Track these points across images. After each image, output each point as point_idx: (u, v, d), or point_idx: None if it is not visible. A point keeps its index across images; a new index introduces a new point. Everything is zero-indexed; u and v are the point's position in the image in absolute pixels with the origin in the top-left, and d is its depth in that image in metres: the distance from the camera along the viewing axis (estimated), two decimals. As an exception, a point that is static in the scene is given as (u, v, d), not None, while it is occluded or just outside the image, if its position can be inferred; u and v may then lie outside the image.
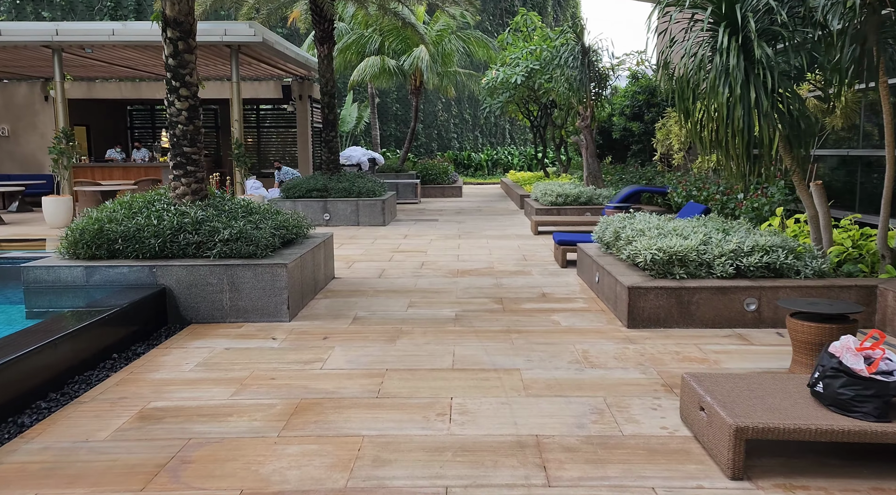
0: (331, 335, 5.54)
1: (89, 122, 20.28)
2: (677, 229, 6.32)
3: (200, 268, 5.90)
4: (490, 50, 20.21)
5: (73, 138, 13.14)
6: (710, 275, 5.79)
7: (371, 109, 22.95)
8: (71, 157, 13.13)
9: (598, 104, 14.13)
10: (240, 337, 5.51)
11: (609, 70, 13.46)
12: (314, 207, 13.09)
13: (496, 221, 13.88)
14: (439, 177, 20.55)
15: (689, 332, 5.51)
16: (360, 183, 13.47)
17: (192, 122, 6.73)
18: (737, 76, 5.31)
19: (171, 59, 6.62)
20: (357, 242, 10.87)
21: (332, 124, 13.92)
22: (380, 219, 13.11)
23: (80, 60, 14.81)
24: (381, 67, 19.04)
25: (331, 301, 6.79)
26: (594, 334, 5.49)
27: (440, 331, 5.63)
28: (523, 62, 17.78)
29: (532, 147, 33.23)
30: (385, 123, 30.41)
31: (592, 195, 13.09)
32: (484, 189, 24.50)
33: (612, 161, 18.48)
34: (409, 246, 10.49)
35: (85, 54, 13.44)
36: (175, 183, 6.73)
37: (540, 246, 10.40)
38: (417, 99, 20.70)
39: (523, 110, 20.50)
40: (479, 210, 16.43)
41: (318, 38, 13.67)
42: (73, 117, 19.34)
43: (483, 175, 30.86)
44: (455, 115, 32.46)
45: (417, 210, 16.48)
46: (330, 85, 13.79)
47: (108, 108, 20.91)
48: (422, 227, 12.85)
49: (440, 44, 20.09)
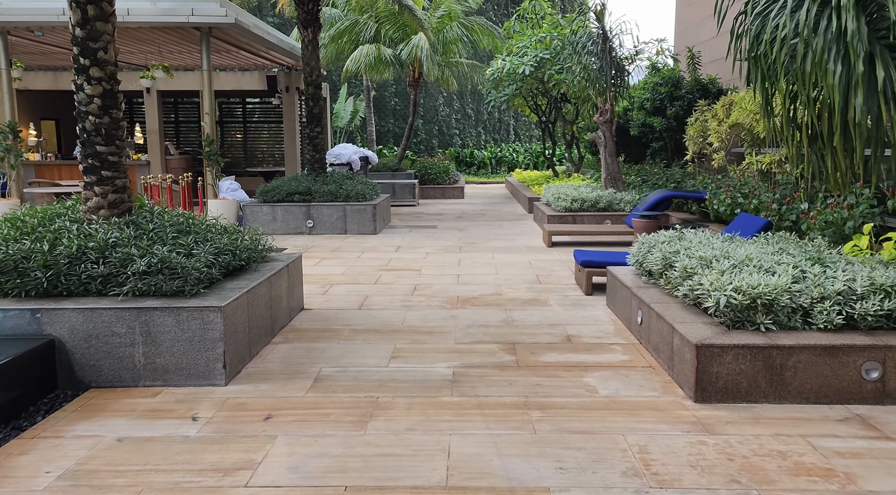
0: (277, 412, 3.93)
1: (59, 116, 18.68)
2: (753, 258, 4.69)
3: (104, 313, 4.29)
4: (495, 38, 18.56)
5: (19, 134, 11.55)
6: (809, 326, 4.17)
7: (366, 103, 21.31)
8: (19, 155, 11.54)
9: (619, 97, 12.50)
10: (148, 414, 3.90)
11: (633, 57, 11.82)
12: (295, 213, 11.47)
13: (502, 229, 12.25)
14: (439, 176, 18.93)
15: (785, 411, 3.89)
16: (348, 185, 11.85)
17: (108, 112, 5.12)
18: (857, 47, 3.68)
19: (79, 28, 5.00)
20: (340, 257, 9.25)
21: (317, 118, 12.30)
22: (370, 226, 11.49)
23: (36, 46, 13.20)
24: (377, 57, 17.40)
25: (291, 347, 5.18)
26: (650, 413, 3.87)
27: (431, 405, 4.02)
28: (532, 51, 16.13)
29: (539, 144, 31.60)
30: (383, 118, 28.77)
31: (612, 200, 11.45)
32: (488, 189, 22.86)
33: (626, 160, 16.85)
34: (400, 261, 8.87)
35: (35, 38, 11.82)
36: (87, 192, 5.12)
37: (555, 262, 8.77)
38: (416, 92, 19.06)
39: (531, 104, 18.85)
40: (483, 214, 14.81)
41: (301, 21, 12.05)
42: (40, 111, 17.75)
43: (487, 173, 29.22)
44: (457, 109, 30.81)
45: (415, 214, 14.86)
46: (315, 74, 12.16)
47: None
48: (418, 236, 11.23)
49: (441, 31, 18.44)
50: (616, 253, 7.21)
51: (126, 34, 11.80)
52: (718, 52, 14.78)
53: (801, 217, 7.15)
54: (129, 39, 12.30)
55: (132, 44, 12.79)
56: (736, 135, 9.25)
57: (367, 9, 18.39)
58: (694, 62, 14.38)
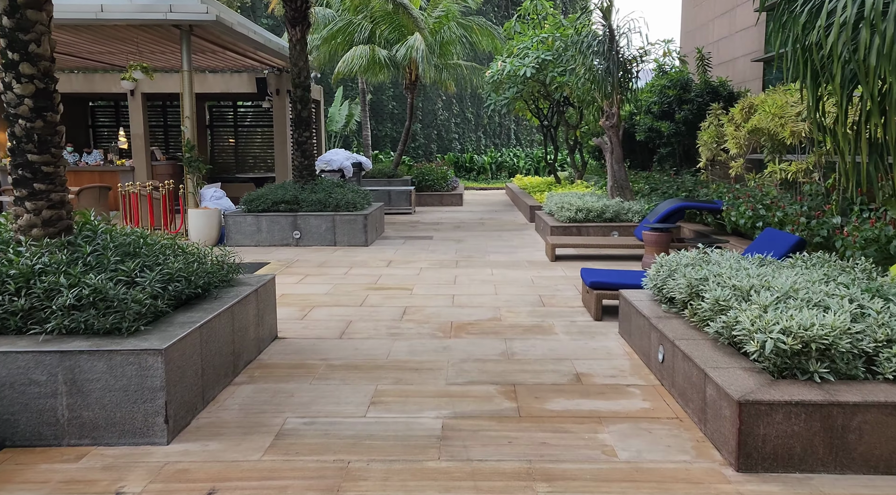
0: (223, 484, 3.20)
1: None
2: (798, 289, 3.95)
3: (20, 357, 3.56)
4: (495, 39, 17.85)
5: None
6: (873, 375, 3.44)
7: (361, 106, 20.58)
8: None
9: (626, 100, 11.79)
10: (63, 488, 3.16)
11: (640, 58, 11.10)
12: (281, 224, 10.75)
13: (502, 240, 11.52)
14: (437, 183, 18.20)
15: (850, 485, 3.15)
16: (338, 193, 11.12)
17: (41, 115, 4.39)
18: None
19: (6, 17, 4.28)
20: (326, 273, 8.52)
21: (305, 122, 11.58)
22: (361, 237, 10.76)
23: None
24: (371, 58, 16.69)
25: (255, 389, 4.45)
26: (683, 489, 3.13)
27: (413, 473, 3.28)
28: (533, 52, 15.43)
29: (540, 149, 30.92)
30: (380, 123, 28.08)
31: (620, 210, 10.73)
32: (487, 196, 22.14)
33: (632, 166, 16.13)
34: (391, 278, 8.14)
35: None
36: (17, 209, 4.40)
37: (560, 280, 8.04)
38: (413, 95, 18.35)
39: (532, 108, 18.14)
40: (483, 223, 14.08)
41: (289, 19, 11.34)
42: None
43: (486, 179, 28.49)
44: (457, 113, 30.10)
45: (410, 223, 14.14)
46: (303, 75, 11.45)
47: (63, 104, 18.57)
48: (412, 249, 10.50)
49: (439, 32, 17.74)
50: (628, 272, 6.48)
51: (102, 33, 11.09)
52: (728, 54, 14.07)
53: (835, 233, 6.41)
54: (105, 38, 11.59)
55: (110, 43, 12.08)
56: (755, 141, 8.52)
57: (361, 8, 17.70)
58: (704, 64, 13.66)
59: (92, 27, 10.62)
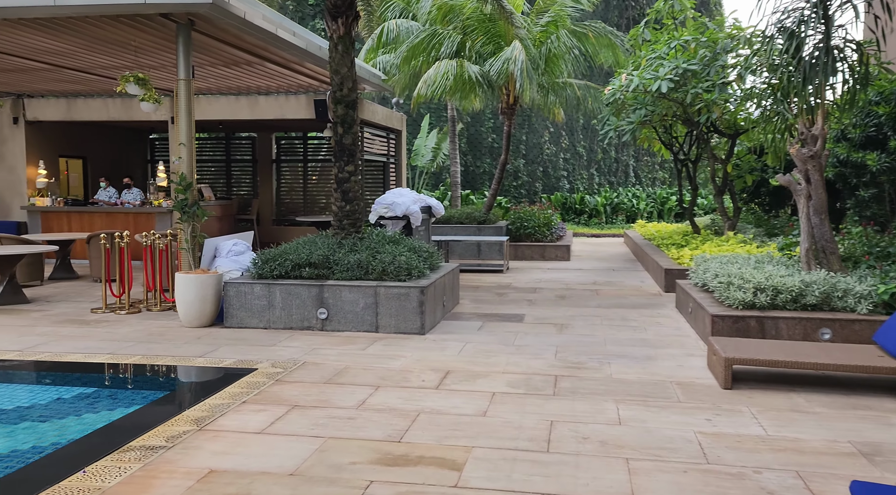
0: None
1: (86, 154, 15.86)
2: None
3: None
4: (617, 50, 14.05)
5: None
6: None
7: (451, 137, 17.24)
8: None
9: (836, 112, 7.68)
10: None
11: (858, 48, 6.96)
12: (302, 297, 7.37)
13: (628, 325, 7.61)
14: (538, 230, 14.44)
15: None
16: (388, 252, 7.61)
17: None
18: None
19: None
20: (326, 403, 4.95)
21: (348, 152, 8.26)
22: (414, 321, 7.18)
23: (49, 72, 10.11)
24: (459, 75, 13.34)
25: None
26: None
27: None
28: (669, 62, 11.51)
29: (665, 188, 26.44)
30: (478, 157, 24.73)
31: (830, 290, 6.53)
32: (601, 246, 18.07)
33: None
34: (432, 427, 4.45)
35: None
36: None
37: (760, 445, 4.06)
38: (511, 121, 14.80)
39: (664, 136, 14.09)
40: (596, 292, 10.17)
41: (328, 8, 8.12)
42: (58, 146, 14.93)
43: (600, 224, 24.34)
44: (566, 147, 26.27)
45: (498, 288, 10.44)
46: (346, 87, 8.16)
47: (113, 134, 16.47)
48: (488, 342, 6.79)
49: (545, 43, 14.18)
50: None
51: (87, 34, 8.35)
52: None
53: None
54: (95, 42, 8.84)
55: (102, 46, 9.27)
56: None
57: (451, 17, 14.47)
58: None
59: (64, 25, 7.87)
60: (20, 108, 13.75)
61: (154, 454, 3.90)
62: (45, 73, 11.22)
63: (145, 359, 6.14)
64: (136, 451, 3.94)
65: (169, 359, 6.13)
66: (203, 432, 4.27)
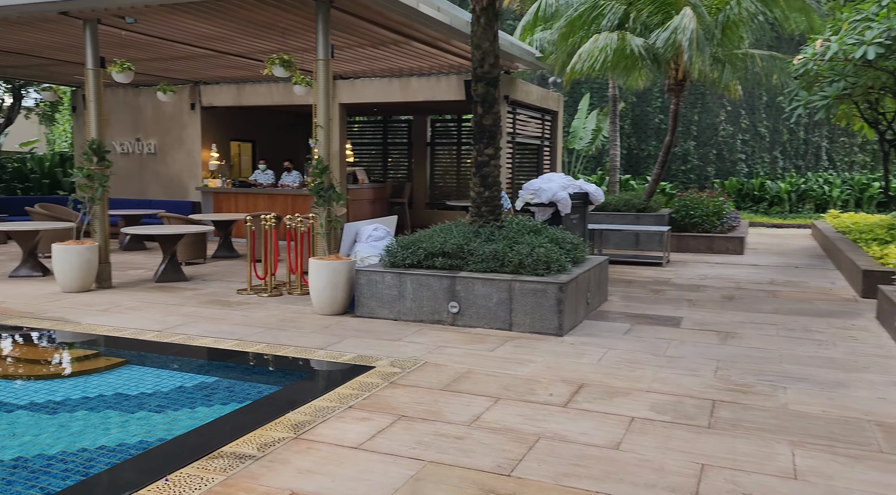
0: None
1: (255, 138, 16.65)
2: None
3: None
4: (812, 13, 12.14)
5: (105, 156, 8.76)
6: None
7: (611, 117, 16.03)
8: (104, 183, 8.75)
9: None
10: None
11: None
12: (433, 289, 6.91)
13: (812, 339, 6.33)
14: (706, 220, 12.98)
15: None
16: (526, 242, 6.92)
17: None
18: None
19: None
20: (436, 415, 4.41)
21: (488, 134, 7.67)
22: (552, 320, 6.46)
23: (189, 51, 10.63)
24: (620, 49, 12.20)
25: None
26: None
27: None
28: (879, 24, 9.64)
29: (865, 173, 23.13)
30: (642, 140, 23.09)
31: None
32: (783, 238, 16.03)
33: None
34: (560, 453, 3.75)
35: (128, 26, 9.00)
36: None
37: None
38: (678, 99, 13.39)
39: (867, 113, 12.00)
40: (773, 293, 8.78)
41: (470, -21, 7.53)
42: (229, 130, 15.75)
43: (783, 213, 21.78)
44: (746, 128, 23.78)
45: (655, 283, 9.38)
46: (488, 63, 7.56)
47: (278, 118, 17.13)
48: (634, 350, 5.91)
49: (722, 10, 12.59)
50: None
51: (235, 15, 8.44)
52: None
53: None
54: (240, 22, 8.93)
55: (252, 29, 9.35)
56: None
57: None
58: None
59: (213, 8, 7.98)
60: (196, 94, 14.61)
61: (240, 465, 3.58)
62: (212, 60, 11.71)
63: (268, 347, 5.98)
64: (224, 459, 3.65)
65: (291, 349, 5.93)
66: (297, 441, 3.90)
